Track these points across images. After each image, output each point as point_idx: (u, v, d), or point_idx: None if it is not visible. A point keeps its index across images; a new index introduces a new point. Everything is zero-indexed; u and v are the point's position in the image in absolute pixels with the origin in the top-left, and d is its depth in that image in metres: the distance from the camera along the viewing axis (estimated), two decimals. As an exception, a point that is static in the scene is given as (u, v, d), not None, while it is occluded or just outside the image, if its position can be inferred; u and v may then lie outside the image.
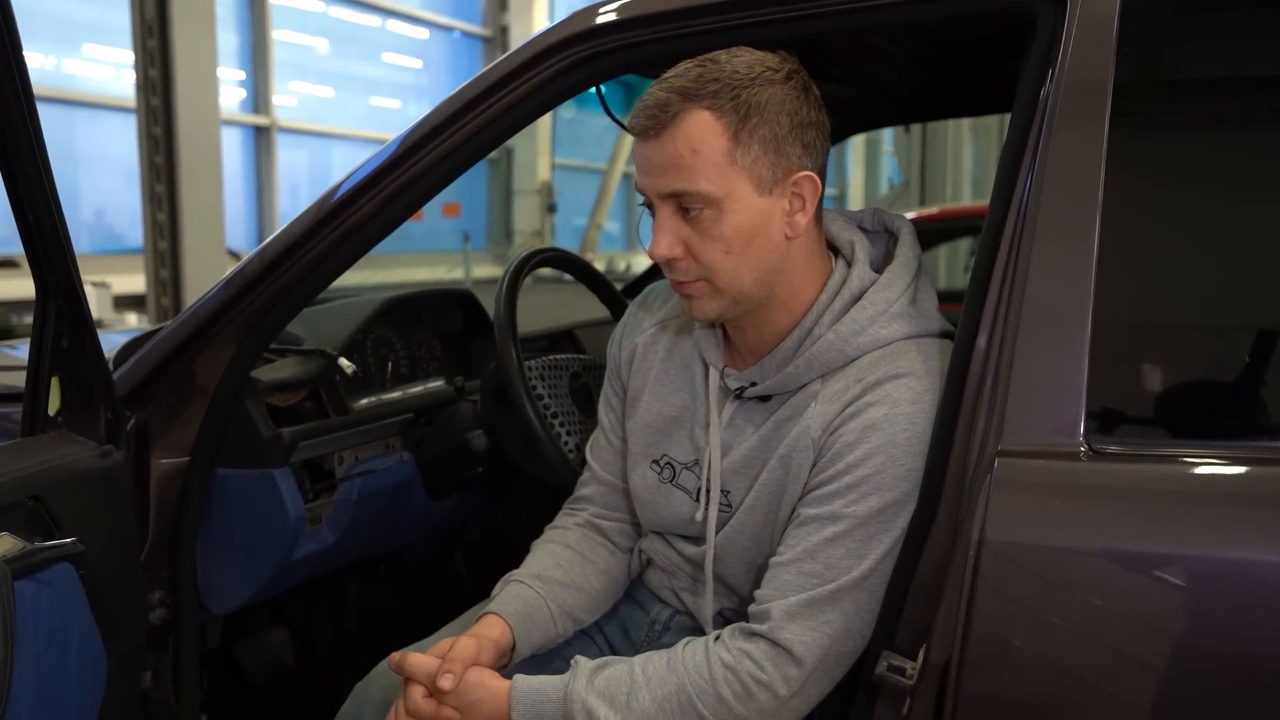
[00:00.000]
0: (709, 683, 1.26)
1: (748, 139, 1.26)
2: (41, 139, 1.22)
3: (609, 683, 1.28)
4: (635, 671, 1.29)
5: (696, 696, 1.26)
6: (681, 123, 1.26)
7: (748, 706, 1.25)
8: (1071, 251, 1.18)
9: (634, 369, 1.53)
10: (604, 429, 1.58)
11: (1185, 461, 1.14)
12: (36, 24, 8.64)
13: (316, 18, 11.82)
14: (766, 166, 1.27)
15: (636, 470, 1.50)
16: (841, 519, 1.27)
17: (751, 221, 1.28)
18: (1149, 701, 1.11)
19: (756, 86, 1.26)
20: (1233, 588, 1.08)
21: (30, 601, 1.24)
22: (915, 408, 1.27)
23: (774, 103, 1.27)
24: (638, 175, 1.32)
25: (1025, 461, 1.16)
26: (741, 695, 1.25)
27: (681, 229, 1.29)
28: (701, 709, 1.25)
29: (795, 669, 1.25)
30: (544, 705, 1.28)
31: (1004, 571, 1.15)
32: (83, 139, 9.07)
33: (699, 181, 1.26)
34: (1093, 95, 1.21)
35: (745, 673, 1.25)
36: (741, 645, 1.27)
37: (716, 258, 1.29)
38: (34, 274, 1.31)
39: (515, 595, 1.46)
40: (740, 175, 1.27)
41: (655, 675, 1.28)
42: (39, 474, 1.29)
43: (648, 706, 1.26)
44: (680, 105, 1.26)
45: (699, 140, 1.26)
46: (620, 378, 1.55)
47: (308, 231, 1.55)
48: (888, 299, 1.34)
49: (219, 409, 1.59)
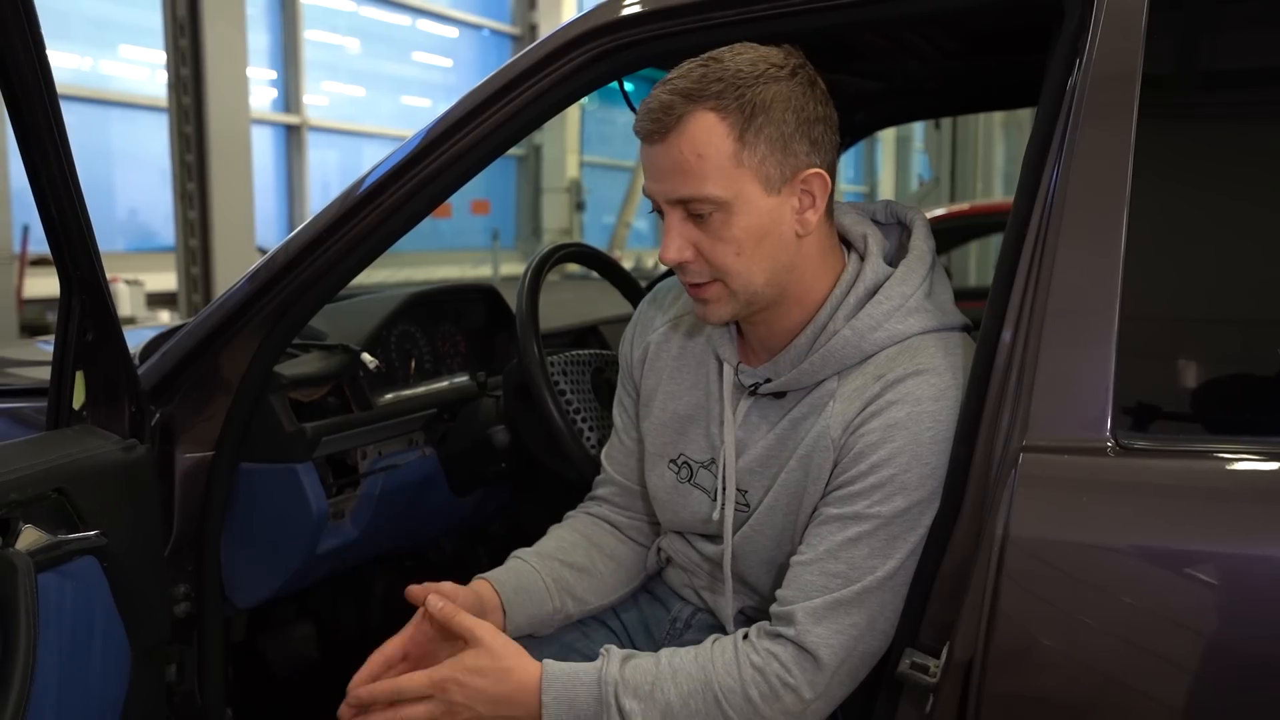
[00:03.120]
0: (737, 683, 1.25)
1: (754, 139, 1.24)
2: (65, 133, 1.22)
3: (635, 672, 1.27)
4: (662, 664, 1.28)
5: (723, 695, 1.25)
6: (686, 126, 1.24)
7: (773, 708, 1.24)
8: (1099, 245, 1.16)
9: (647, 368, 1.51)
10: (617, 430, 1.57)
11: (1214, 457, 1.13)
12: (74, 25, 8.73)
13: (348, 17, 11.91)
14: (774, 166, 1.26)
15: (654, 471, 1.49)
16: (865, 519, 1.25)
17: (761, 222, 1.27)
18: (1176, 700, 1.09)
19: (761, 85, 1.24)
20: (1262, 584, 1.07)
21: (54, 594, 1.25)
22: (938, 405, 1.25)
23: (779, 100, 1.25)
24: (645, 180, 1.31)
25: (1051, 457, 1.15)
26: (769, 697, 1.24)
27: (691, 232, 1.28)
28: (727, 708, 1.24)
29: (819, 672, 1.24)
30: (576, 690, 1.26)
31: (1029, 568, 1.13)
32: (118, 139, 9.18)
33: (706, 186, 1.24)
34: (1121, 86, 1.19)
35: (773, 675, 1.24)
36: (769, 647, 1.26)
37: (728, 260, 1.27)
38: (58, 268, 1.32)
39: (509, 568, 1.47)
40: (748, 176, 1.25)
41: (682, 670, 1.27)
42: (62, 467, 1.30)
43: (673, 700, 1.25)
44: (684, 107, 1.24)
45: (704, 144, 1.24)
46: (633, 377, 1.54)
47: (331, 225, 1.55)
48: (904, 293, 1.32)
49: (242, 404, 1.60)
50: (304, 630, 2.19)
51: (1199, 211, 1.24)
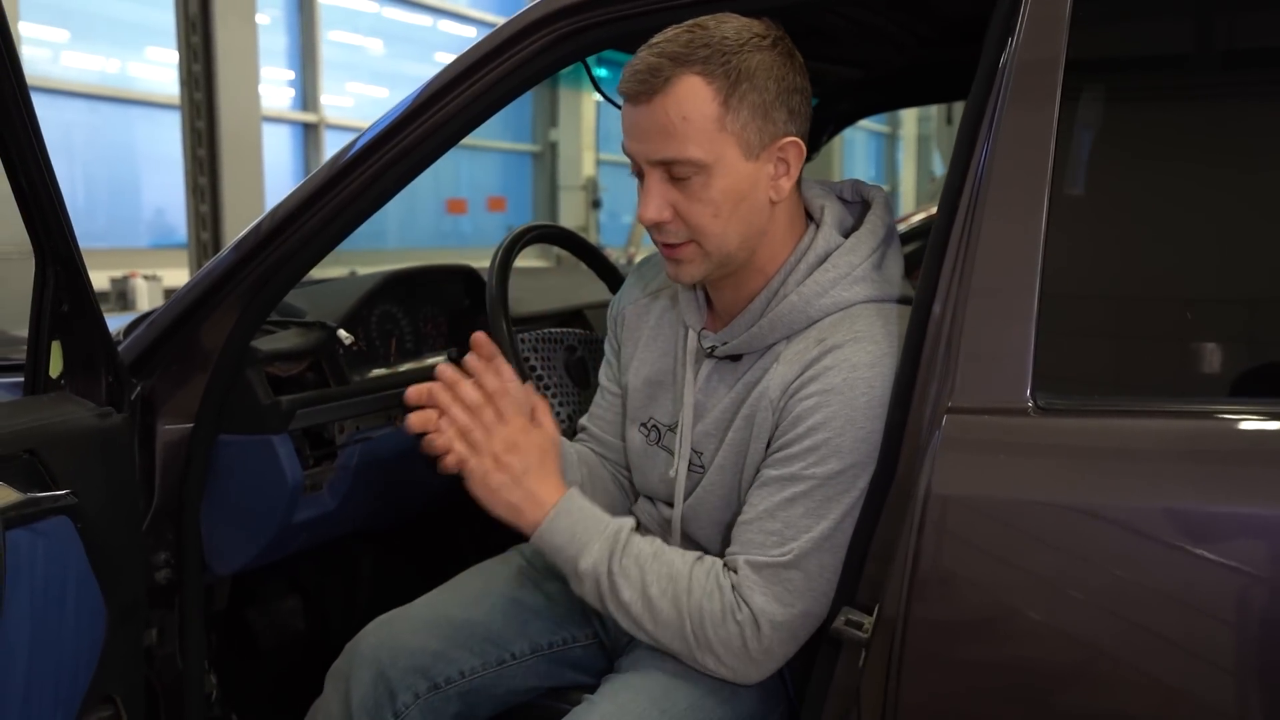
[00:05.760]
0: (701, 590, 1.32)
1: (737, 105, 1.29)
2: (31, 106, 1.26)
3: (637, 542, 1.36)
4: (657, 546, 1.36)
5: (688, 594, 1.32)
6: (673, 88, 1.28)
7: (718, 633, 1.31)
8: (1022, 221, 1.20)
9: (625, 334, 1.58)
10: (602, 387, 1.64)
11: (1128, 417, 1.17)
12: (101, 27, 8.86)
13: (371, 18, 11.99)
14: (754, 132, 1.30)
15: (630, 432, 1.56)
16: (801, 480, 1.30)
17: (739, 185, 1.31)
18: (1088, 655, 1.12)
19: (746, 52, 1.29)
20: (1171, 535, 1.10)
21: (25, 549, 1.30)
22: (873, 371, 1.29)
23: (762, 69, 1.30)
24: (627, 139, 1.34)
25: (973, 418, 1.18)
26: (717, 619, 1.31)
27: (670, 193, 1.32)
28: (687, 605, 1.32)
29: (758, 627, 1.29)
30: (589, 520, 1.36)
31: (948, 524, 1.17)
32: (143, 139, 9.29)
33: (689, 148, 1.29)
34: (1045, 68, 1.22)
35: (729, 601, 1.31)
36: (730, 580, 1.32)
37: (705, 221, 1.32)
38: (31, 240, 1.36)
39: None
40: (729, 141, 1.29)
41: (665, 556, 1.34)
42: (35, 429, 1.35)
43: (649, 580, 1.33)
44: (672, 70, 1.28)
45: (690, 106, 1.28)
46: (615, 338, 1.61)
47: (304, 202, 1.59)
48: (851, 262, 1.36)
49: (221, 376, 1.64)
50: (291, 604, 2.25)
51: (1120, 190, 1.28)
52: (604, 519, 1.37)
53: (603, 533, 1.34)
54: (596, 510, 1.38)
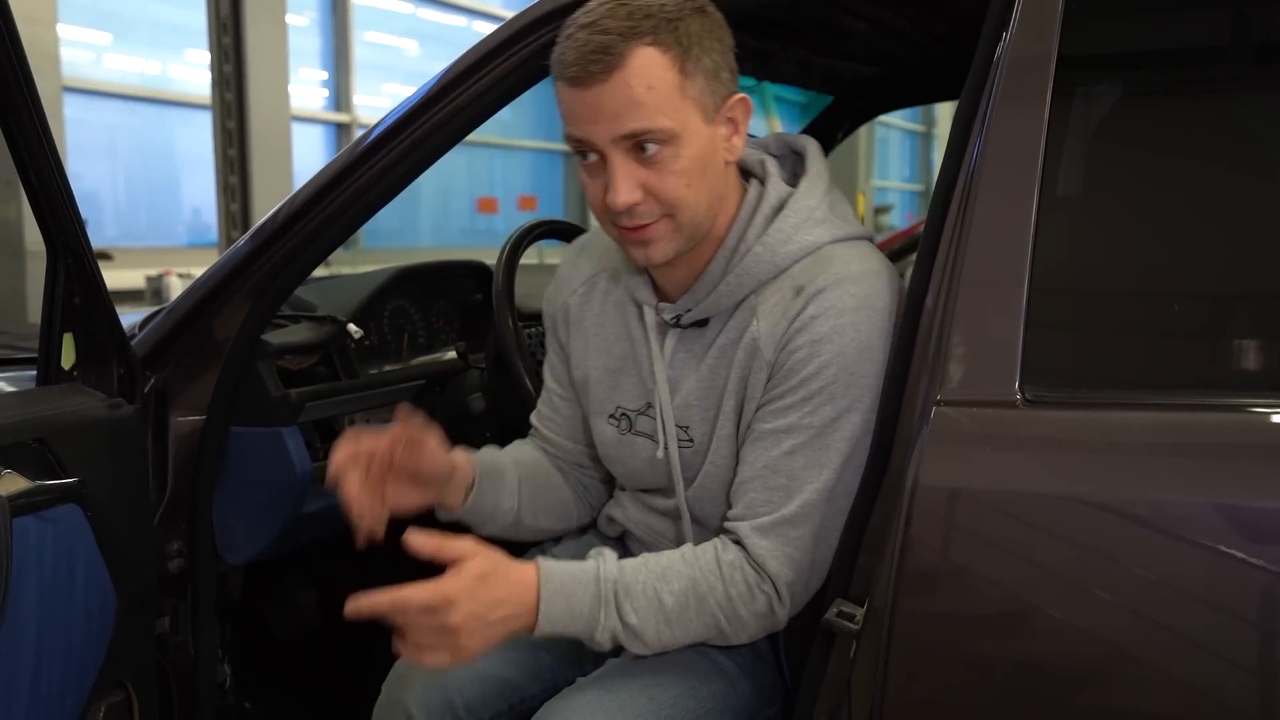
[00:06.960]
0: (720, 581, 1.30)
1: (693, 70, 1.28)
2: (39, 102, 1.29)
3: (629, 572, 1.31)
4: (650, 565, 1.32)
5: (709, 592, 1.30)
6: (629, 62, 1.25)
7: (748, 608, 1.31)
8: (1013, 214, 1.20)
9: (571, 329, 1.55)
10: (547, 388, 1.62)
11: (1115, 410, 1.17)
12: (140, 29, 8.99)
13: (405, 19, 12.07)
14: (709, 95, 1.30)
15: (597, 429, 1.54)
16: (799, 430, 1.30)
17: (704, 150, 1.31)
18: (1076, 646, 1.12)
19: (686, 18, 1.28)
20: (1156, 528, 1.10)
21: (34, 536, 1.33)
22: (859, 314, 1.30)
23: (706, 32, 1.29)
24: (578, 127, 1.29)
25: (961, 410, 1.19)
26: (745, 597, 1.31)
27: (638, 172, 1.29)
28: (713, 605, 1.30)
29: (771, 584, 1.30)
30: (574, 586, 1.29)
31: (935, 515, 1.17)
32: (182, 140, 9.40)
33: (659, 118, 1.26)
34: (1038, 63, 1.22)
35: (749, 575, 1.31)
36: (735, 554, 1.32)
37: (679, 192, 1.30)
38: (42, 233, 1.39)
39: (482, 454, 1.55)
40: (691, 107, 1.28)
41: (671, 570, 1.32)
42: (44, 419, 1.38)
43: (665, 597, 1.30)
44: (624, 45, 1.25)
45: (653, 77, 1.25)
46: (558, 337, 1.58)
47: (312, 198, 1.62)
48: (809, 206, 1.37)
49: (232, 369, 1.68)
50: (305, 595, 2.28)
51: (1111, 185, 1.28)
52: (586, 579, 1.30)
53: (597, 594, 1.30)
54: (573, 572, 1.31)
